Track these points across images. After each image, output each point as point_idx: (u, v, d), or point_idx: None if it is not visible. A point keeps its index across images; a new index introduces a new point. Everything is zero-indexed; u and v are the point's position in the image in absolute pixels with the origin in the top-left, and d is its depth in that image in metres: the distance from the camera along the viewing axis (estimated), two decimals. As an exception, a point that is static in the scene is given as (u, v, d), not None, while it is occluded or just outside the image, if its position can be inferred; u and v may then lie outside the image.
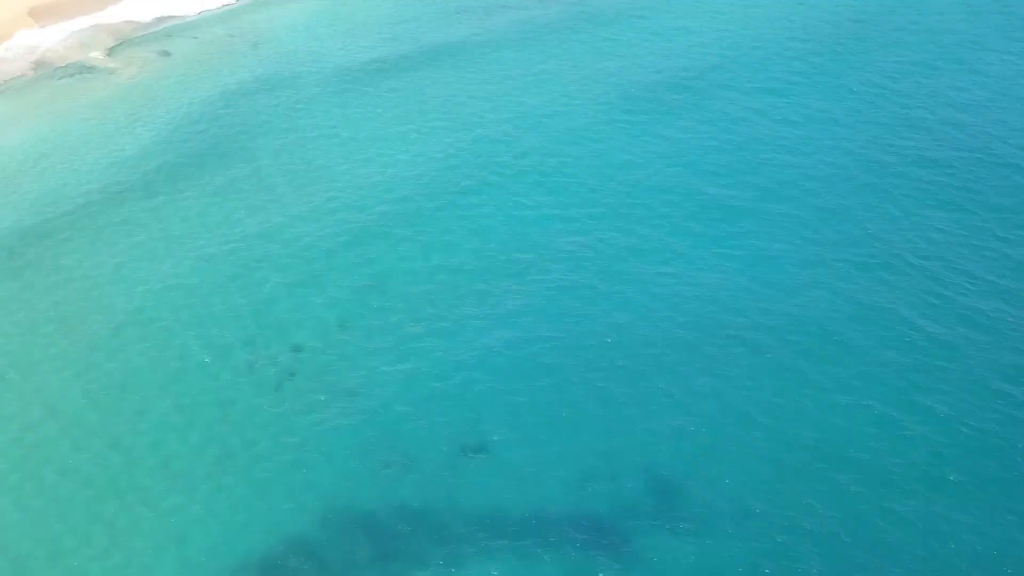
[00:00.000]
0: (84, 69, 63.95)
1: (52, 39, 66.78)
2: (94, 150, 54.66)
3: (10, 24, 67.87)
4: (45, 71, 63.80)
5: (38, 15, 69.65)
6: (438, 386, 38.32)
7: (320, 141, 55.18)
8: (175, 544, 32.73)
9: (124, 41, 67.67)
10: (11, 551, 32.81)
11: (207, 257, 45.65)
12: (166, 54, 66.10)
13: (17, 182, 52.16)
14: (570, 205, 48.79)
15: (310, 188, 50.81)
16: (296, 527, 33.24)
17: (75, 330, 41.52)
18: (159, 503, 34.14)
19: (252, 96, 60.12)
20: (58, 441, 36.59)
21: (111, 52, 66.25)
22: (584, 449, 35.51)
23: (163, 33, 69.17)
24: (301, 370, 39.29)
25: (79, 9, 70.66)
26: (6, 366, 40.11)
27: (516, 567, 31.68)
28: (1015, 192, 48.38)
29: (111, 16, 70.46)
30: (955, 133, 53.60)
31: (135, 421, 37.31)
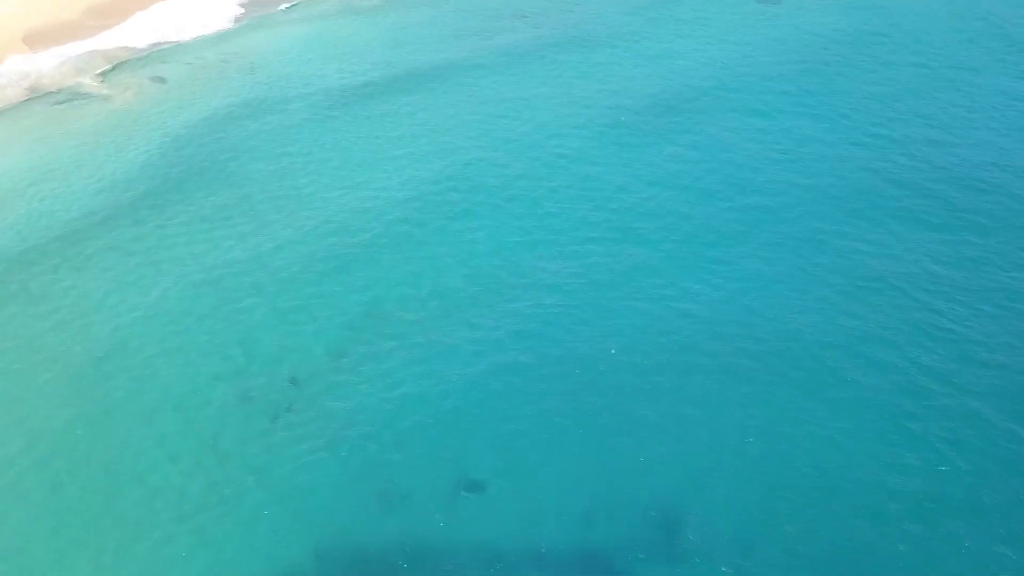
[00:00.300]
0: (78, 95, 63.76)
1: (46, 64, 66.61)
2: (85, 176, 54.39)
3: (3, 49, 67.85)
4: (38, 96, 63.63)
5: (32, 40, 69.69)
6: (431, 416, 37.85)
7: (311, 166, 54.97)
8: (160, 579, 32.22)
9: (119, 67, 67.48)
10: (-8, 587, 32.33)
11: (196, 284, 45.24)
12: (160, 79, 66.06)
13: (7, 209, 51.83)
14: (562, 231, 48.53)
15: (301, 214, 50.57)
16: (286, 561, 32.67)
17: (60, 360, 41.03)
18: (146, 536, 33.56)
19: (243, 121, 59.93)
20: (41, 474, 36.02)
21: (105, 78, 66.12)
22: (578, 480, 35.00)
23: (157, 58, 69.05)
24: (291, 400, 38.84)
25: (73, 35, 70.67)
26: (-10, 396, 39.69)
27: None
28: (1010, 217, 48.19)
29: (106, 42, 70.36)
30: (949, 158, 53.47)
31: (121, 452, 36.76)
